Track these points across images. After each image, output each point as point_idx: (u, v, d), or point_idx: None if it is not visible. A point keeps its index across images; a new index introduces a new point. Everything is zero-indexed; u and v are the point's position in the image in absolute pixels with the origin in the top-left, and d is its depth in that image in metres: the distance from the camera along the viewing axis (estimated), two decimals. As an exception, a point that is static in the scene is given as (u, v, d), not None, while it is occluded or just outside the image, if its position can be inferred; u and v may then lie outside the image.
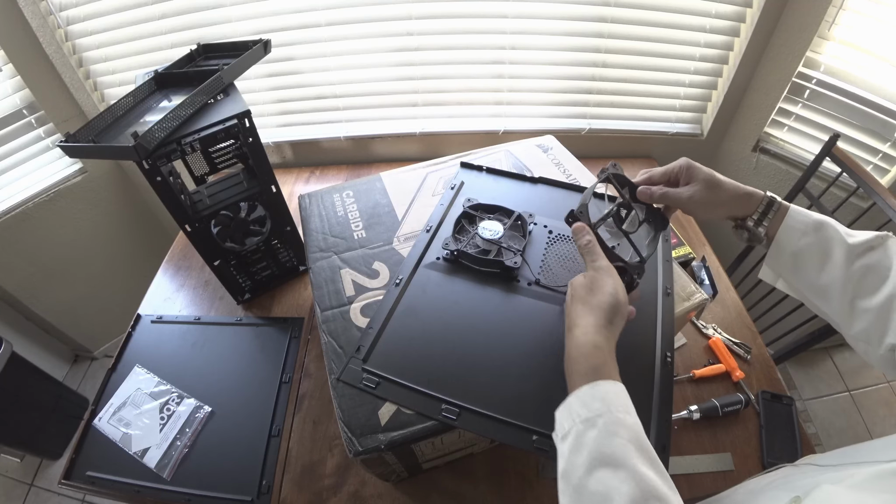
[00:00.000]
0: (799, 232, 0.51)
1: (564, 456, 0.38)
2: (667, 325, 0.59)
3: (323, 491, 0.72)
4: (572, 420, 0.39)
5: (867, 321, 0.47)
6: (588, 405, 0.39)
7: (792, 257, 0.52)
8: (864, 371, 1.66)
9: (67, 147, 0.64)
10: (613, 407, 0.38)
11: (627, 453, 0.36)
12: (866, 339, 0.47)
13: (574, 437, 0.38)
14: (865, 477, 0.34)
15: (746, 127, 1.31)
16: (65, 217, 1.40)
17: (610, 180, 0.58)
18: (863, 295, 0.47)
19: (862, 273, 0.47)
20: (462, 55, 1.21)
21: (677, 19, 1.14)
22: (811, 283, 0.51)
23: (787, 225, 0.51)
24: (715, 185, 0.53)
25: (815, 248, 0.50)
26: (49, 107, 1.26)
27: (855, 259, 0.48)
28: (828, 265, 0.49)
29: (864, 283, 0.47)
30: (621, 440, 0.36)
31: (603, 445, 0.36)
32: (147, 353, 0.90)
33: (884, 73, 1.04)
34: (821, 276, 0.50)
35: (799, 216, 0.51)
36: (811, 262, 0.50)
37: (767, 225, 0.52)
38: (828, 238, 0.50)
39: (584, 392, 0.40)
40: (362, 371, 0.56)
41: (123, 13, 1.13)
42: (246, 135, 0.76)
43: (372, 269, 0.71)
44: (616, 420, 0.38)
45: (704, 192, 0.53)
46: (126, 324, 0.95)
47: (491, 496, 0.71)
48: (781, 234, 0.52)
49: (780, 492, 0.41)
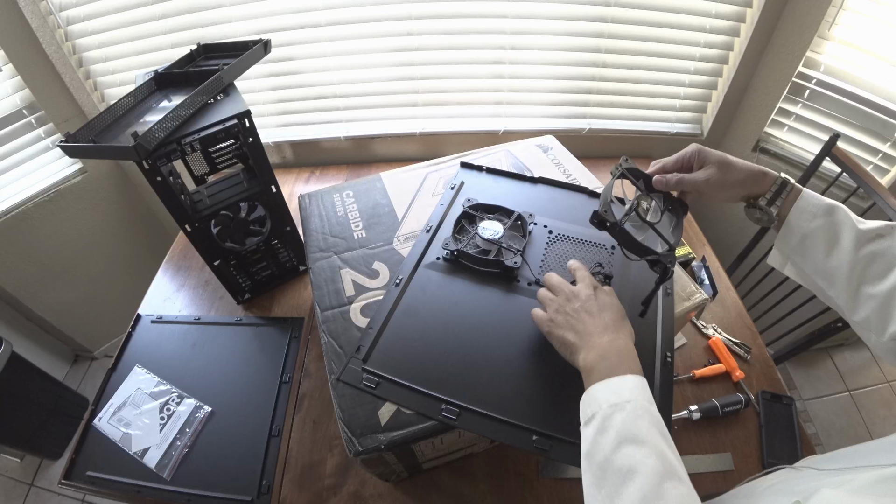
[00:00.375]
0: (810, 214, 0.51)
1: (589, 438, 0.41)
2: (667, 325, 0.59)
3: (323, 491, 0.72)
4: (598, 405, 0.42)
5: (871, 308, 0.47)
6: (617, 393, 0.42)
7: (802, 239, 0.52)
8: (864, 371, 1.66)
9: (67, 147, 0.64)
10: (641, 396, 0.42)
11: (653, 434, 0.39)
12: (869, 327, 0.48)
13: (601, 420, 0.41)
14: (865, 481, 0.34)
15: (746, 127, 1.31)
16: (65, 217, 1.40)
17: (626, 175, 0.59)
18: (868, 282, 0.48)
19: (869, 259, 0.48)
20: (462, 55, 1.21)
21: (677, 19, 1.14)
22: (819, 266, 0.52)
23: (798, 207, 0.52)
24: (729, 166, 0.54)
25: (825, 231, 0.50)
26: (49, 107, 1.26)
27: (863, 245, 0.48)
28: (836, 249, 0.50)
29: (870, 270, 0.48)
30: (647, 423, 0.39)
31: (630, 426, 0.39)
32: (147, 353, 0.90)
33: (884, 73, 1.04)
34: (829, 259, 0.50)
35: (811, 199, 0.52)
36: (820, 245, 0.51)
37: (780, 205, 0.53)
38: (838, 222, 0.50)
39: (614, 381, 0.43)
40: (362, 371, 0.56)
41: (123, 13, 1.13)
42: (246, 135, 0.76)
43: (372, 269, 0.71)
44: (643, 407, 0.41)
45: (719, 174, 0.54)
46: (126, 324, 0.95)
47: (491, 496, 0.71)
48: (793, 216, 0.52)
49: (781, 496, 0.41)
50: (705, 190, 0.55)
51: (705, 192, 0.56)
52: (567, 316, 0.51)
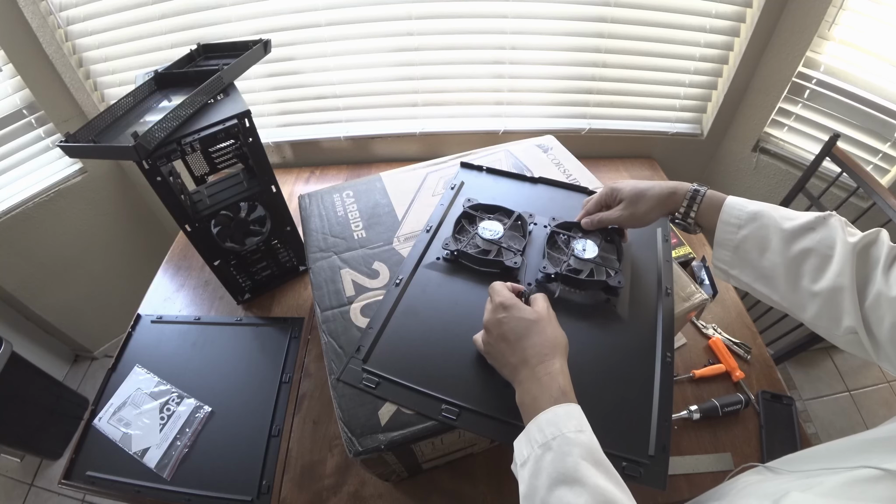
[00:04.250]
0: (734, 226, 0.51)
1: (525, 481, 0.40)
2: (667, 325, 0.59)
3: (323, 491, 0.72)
4: (531, 447, 0.41)
5: (818, 305, 0.46)
6: (543, 430, 0.40)
7: (734, 251, 0.52)
8: (864, 371, 1.66)
9: (67, 147, 0.64)
10: (565, 428, 0.40)
11: (581, 469, 0.37)
12: (823, 323, 0.47)
13: (533, 462, 0.40)
14: (835, 484, 0.34)
15: (746, 127, 1.31)
16: (65, 217, 1.40)
17: (557, 232, 0.67)
18: (807, 279, 0.47)
19: (801, 256, 0.47)
20: (462, 55, 1.21)
21: (677, 19, 1.14)
22: (756, 273, 0.51)
23: (722, 220, 0.52)
24: (639, 198, 0.59)
25: (754, 239, 0.50)
26: (49, 107, 1.26)
27: (792, 242, 0.48)
28: (767, 252, 0.49)
29: (805, 267, 0.47)
30: (574, 458, 0.38)
31: (559, 465, 0.38)
32: (147, 353, 0.90)
33: (884, 73, 1.04)
34: (762, 264, 0.50)
35: (734, 210, 0.52)
36: (753, 253, 0.51)
37: (694, 215, 0.55)
38: (764, 226, 0.50)
39: (541, 417, 0.41)
40: (362, 371, 0.56)
41: (123, 13, 1.13)
42: (246, 135, 0.76)
43: (372, 269, 0.71)
44: (568, 440, 0.39)
45: (631, 207, 0.59)
46: (126, 324, 0.95)
47: (491, 496, 0.71)
48: (719, 231, 0.52)
49: (752, 499, 0.42)
50: (624, 223, 0.61)
51: (625, 224, 0.61)
52: (490, 346, 0.49)
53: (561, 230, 0.67)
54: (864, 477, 0.33)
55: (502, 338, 0.48)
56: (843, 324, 0.44)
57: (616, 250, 0.65)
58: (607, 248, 0.65)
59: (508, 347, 0.47)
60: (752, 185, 1.38)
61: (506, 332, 0.48)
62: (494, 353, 0.49)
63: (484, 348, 0.51)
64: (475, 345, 0.53)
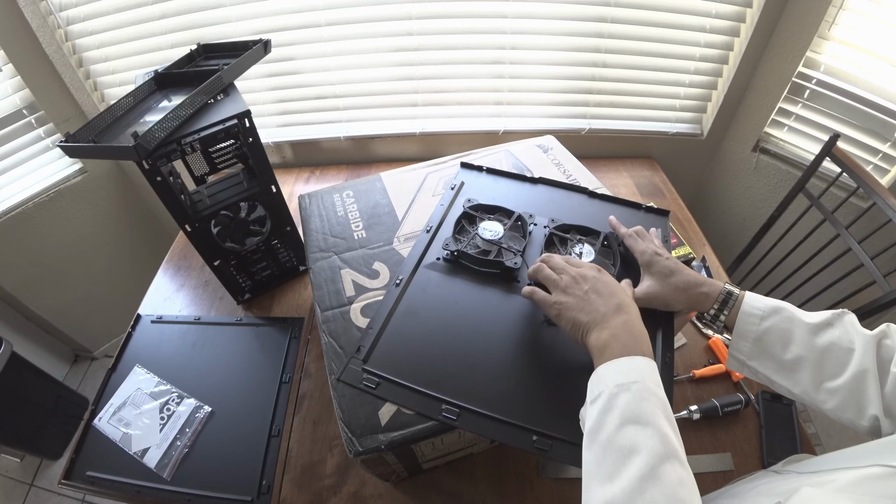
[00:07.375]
0: (757, 318, 0.52)
1: (593, 416, 0.41)
2: (667, 325, 0.59)
3: (323, 491, 0.72)
4: (605, 384, 0.42)
5: (842, 396, 0.47)
6: (625, 373, 0.42)
7: (754, 343, 0.52)
8: (864, 371, 1.66)
9: (67, 147, 0.64)
10: (648, 378, 0.41)
11: (657, 416, 0.39)
12: (846, 414, 0.47)
13: (606, 399, 0.41)
14: (846, 481, 0.34)
15: (746, 127, 1.31)
16: (65, 217, 1.40)
17: (555, 234, 0.68)
18: (829, 376, 0.48)
19: (824, 350, 0.48)
20: (462, 55, 1.21)
21: (677, 19, 1.14)
22: (777, 366, 0.51)
23: (744, 311, 0.52)
24: (672, 289, 0.56)
25: (777, 331, 0.50)
26: (49, 107, 1.26)
27: (816, 336, 0.49)
28: (791, 345, 0.50)
29: (827, 363, 0.48)
30: (651, 405, 0.39)
31: (634, 406, 0.39)
32: (147, 353, 0.90)
33: (884, 73, 1.04)
34: (784, 357, 0.50)
35: (756, 302, 0.52)
36: (776, 345, 0.51)
37: (727, 314, 0.54)
38: (787, 319, 0.50)
39: (623, 362, 0.43)
40: (362, 371, 0.56)
41: (123, 13, 1.13)
42: (246, 135, 0.76)
43: (372, 269, 0.71)
44: (648, 388, 0.41)
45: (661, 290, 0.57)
46: (126, 324, 0.95)
47: (491, 496, 0.71)
48: (740, 322, 0.52)
49: (763, 497, 0.42)
50: (645, 299, 0.57)
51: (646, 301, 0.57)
52: (577, 297, 0.51)
53: (559, 232, 0.68)
54: (875, 474, 0.33)
55: (595, 290, 0.51)
56: (869, 412, 0.45)
57: (613, 255, 0.66)
58: (604, 252, 0.66)
59: (600, 298, 0.50)
60: (752, 186, 1.38)
61: (599, 287, 0.51)
62: (578, 303, 0.50)
63: (561, 298, 0.52)
64: (536, 299, 0.54)
